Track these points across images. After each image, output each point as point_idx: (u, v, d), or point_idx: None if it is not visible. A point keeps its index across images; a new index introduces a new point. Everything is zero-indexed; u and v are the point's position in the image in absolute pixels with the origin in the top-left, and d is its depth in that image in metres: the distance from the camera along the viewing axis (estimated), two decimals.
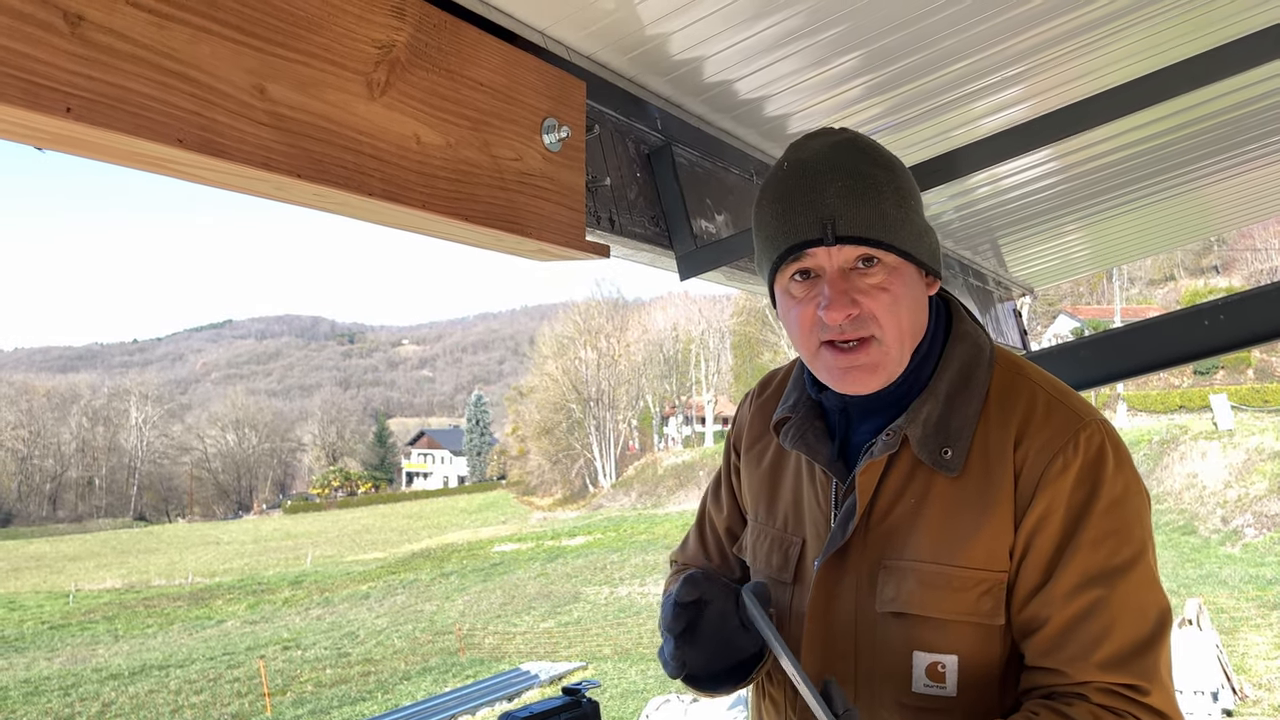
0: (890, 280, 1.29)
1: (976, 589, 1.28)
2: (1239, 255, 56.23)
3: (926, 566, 1.30)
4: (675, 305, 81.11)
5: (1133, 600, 1.23)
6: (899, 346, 1.31)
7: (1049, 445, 1.28)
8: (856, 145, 1.33)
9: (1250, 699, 13.20)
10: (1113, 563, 1.24)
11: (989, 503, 1.29)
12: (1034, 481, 1.27)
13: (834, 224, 1.26)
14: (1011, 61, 2.35)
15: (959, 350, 1.38)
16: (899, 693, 1.32)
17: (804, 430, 1.43)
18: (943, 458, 1.31)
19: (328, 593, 39.46)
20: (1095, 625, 1.22)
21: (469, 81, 1.48)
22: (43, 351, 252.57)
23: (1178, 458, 31.07)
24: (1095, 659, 1.22)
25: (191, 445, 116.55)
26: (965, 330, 1.41)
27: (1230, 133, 3.47)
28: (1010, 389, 1.36)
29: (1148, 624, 1.23)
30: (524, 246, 1.67)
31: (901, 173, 1.34)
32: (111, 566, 55.97)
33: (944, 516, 1.31)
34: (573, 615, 28.32)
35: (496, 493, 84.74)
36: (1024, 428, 1.31)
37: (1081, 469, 1.27)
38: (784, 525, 1.49)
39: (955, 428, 1.32)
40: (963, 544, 1.29)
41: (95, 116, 0.96)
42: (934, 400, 1.34)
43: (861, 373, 1.31)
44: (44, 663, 29.56)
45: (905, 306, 1.30)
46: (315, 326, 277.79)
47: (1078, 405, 1.34)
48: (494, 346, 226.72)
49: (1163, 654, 1.24)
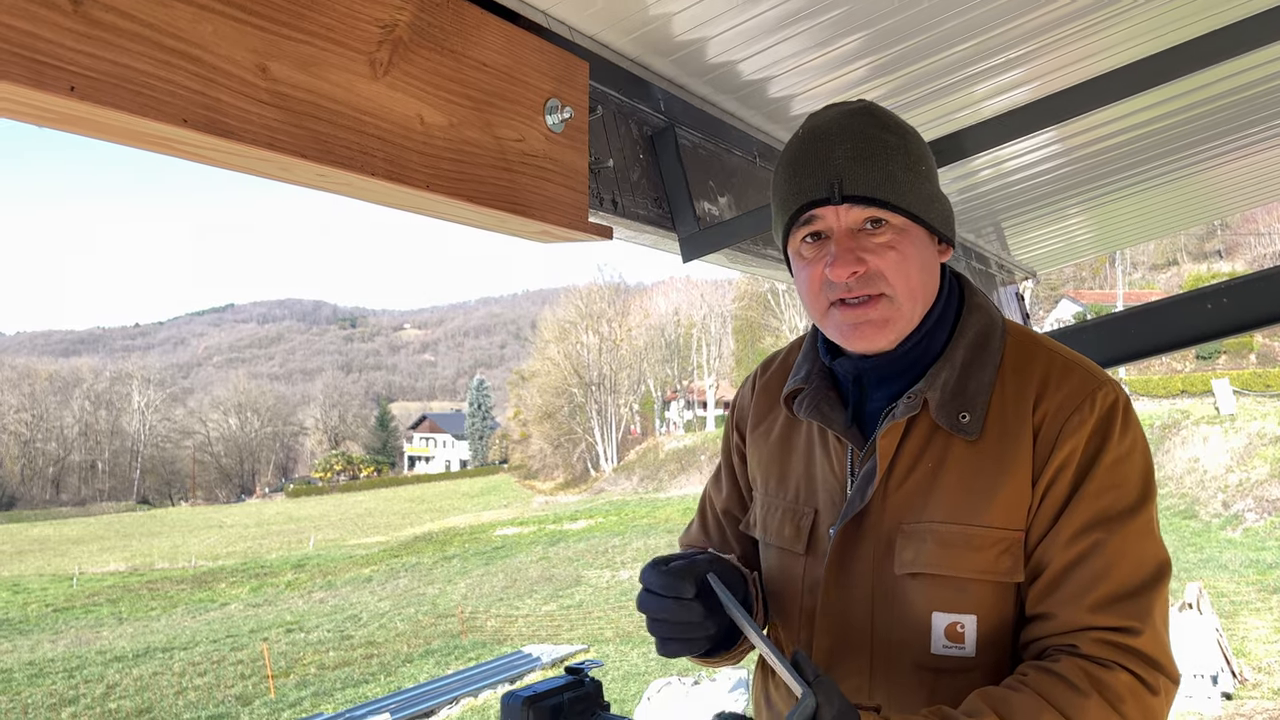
0: (898, 240, 1.31)
1: (995, 548, 1.30)
2: (1242, 240, 56.09)
3: (945, 527, 1.32)
4: (677, 290, 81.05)
5: (1130, 547, 1.26)
6: (910, 303, 1.33)
7: (1067, 403, 1.31)
8: (870, 112, 1.35)
9: (1250, 682, 13.25)
10: (1112, 511, 1.27)
11: (1007, 463, 1.31)
12: (1053, 437, 1.30)
13: (841, 184, 1.29)
14: (1014, 43, 2.34)
15: (974, 319, 1.41)
16: (918, 655, 1.34)
17: (818, 400, 1.45)
18: (960, 421, 1.33)
19: (330, 576, 39.59)
20: (1091, 569, 1.25)
21: (472, 62, 1.48)
22: (45, 335, 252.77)
23: (1179, 442, 31.07)
24: (1087, 601, 1.24)
25: (194, 429, 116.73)
26: (978, 302, 1.44)
27: (1234, 115, 3.46)
28: (1025, 355, 1.39)
29: (1144, 571, 1.26)
30: (527, 228, 1.66)
31: (914, 139, 1.36)
32: (115, 550, 56.16)
33: (962, 479, 1.33)
34: (574, 598, 28.42)
35: (498, 477, 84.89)
36: (1042, 389, 1.34)
37: (1096, 425, 1.30)
38: (796, 496, 1.50)
39: (972, 393, 1.34)
40: (981, 504, 1.31)
41: (99, 95, 0.96)
42: (951, 367, 1.36)
43: (870, 328, 1.33)
44: (48, 645, 29.71)
45: (914, 266, 1.32)
46: (317, 310, 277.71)
47: (1092, 367, 1.37)
48: (496, 331, 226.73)
49: (1157, 601, 1.26)
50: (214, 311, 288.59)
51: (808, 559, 1.46)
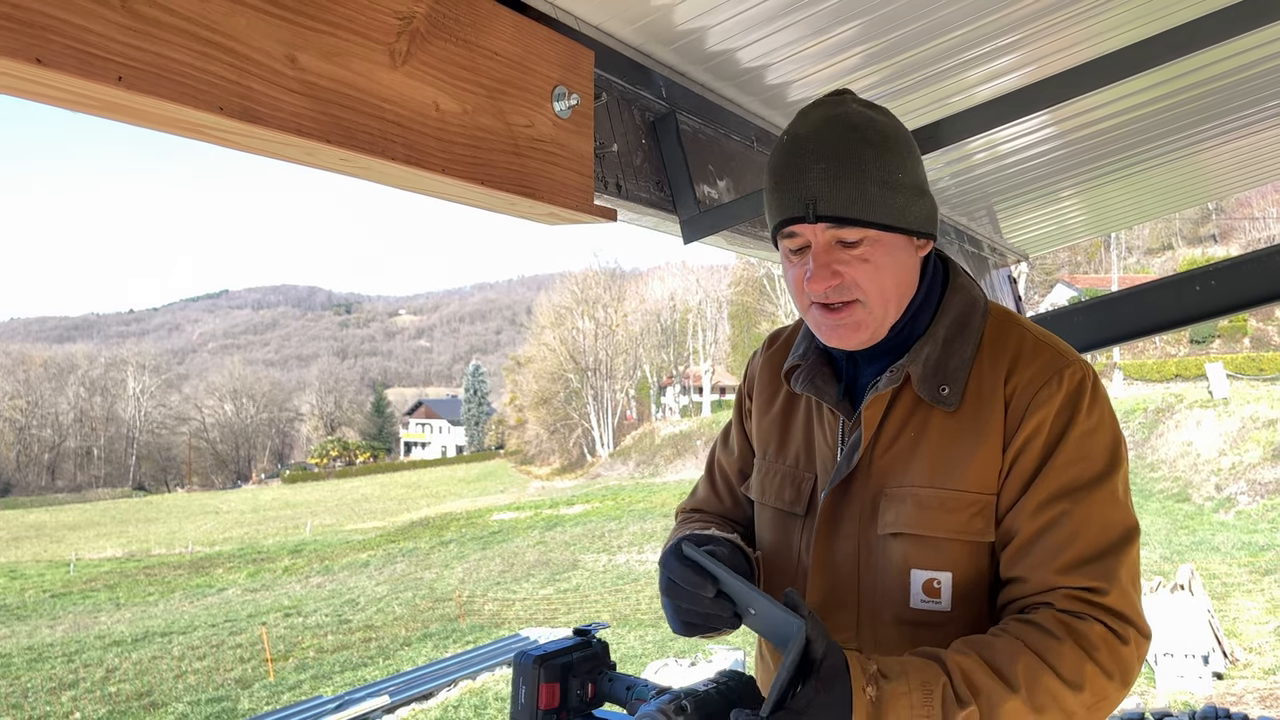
0: (871, 251, 1.39)
1: (969, 510, 1.40)
2: (1237, 224, 56.17)
3: (923, 491, 1.42)
4: (673, 275, 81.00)
5: (1096, 514, 1.35)
6: (883, 307, 1.43)
7: (1036, 378, 1.41)
8: (849, 121, 1.40)
9: (1241, 662, 13.39)
10: (1079, 481, 1.36)
11: (981, 432, 1.41)
12: (1022, 409, 1.40)
13: (815, 205, 1.37)
14: (1007, 29, 2.40)
15: (956, 300, 1.51)
16: (898, 609, 1.44)
17: (813, 375, 1.55)
18: (940, 394, 1.43)
19: (328, 561, 39.69)
20: (1059, 535, 1.35)
21: (484, 51, 1.54)
22: (39, 321, 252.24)
23: (1173, 426, 31.22)
24: (1056, 564, 1.34)
25: (189, 415, 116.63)
26: (961, 283, 1.54)
27: (1225, 98, 3.51)
28: (1001, 332, 1.48)
29: (1110, 535, 1.35)
30: (536, 210, 1.73)
31: (891, 143, 1.41)
32: (111, 536, 56.21)
33: (941, 447, 1.43)
34: (571, 582, 28.55)
35: (495, 462, 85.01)
36: (1014, 364, 1.44)
37: (1064, 399, 1.39)
38: (796, 462, 1.60)
39: (952, 368, 1.44)
40: (957, 470, 1.41)
41: (144, 85, 1.02)
42: (933, 343, 1.46)
43: (846, 330, 1.43)
44: (46, 630, 29.79)
45: (888, 273, 1.41)
46: (312, 297, 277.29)
47: (1062, 347, 1.47)
48: (491, 316, 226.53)
49: (1124, 563, 1.35)
50: (209, 298, 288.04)
51: (806, 520, 1.56)
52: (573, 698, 1.45)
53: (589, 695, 1.46)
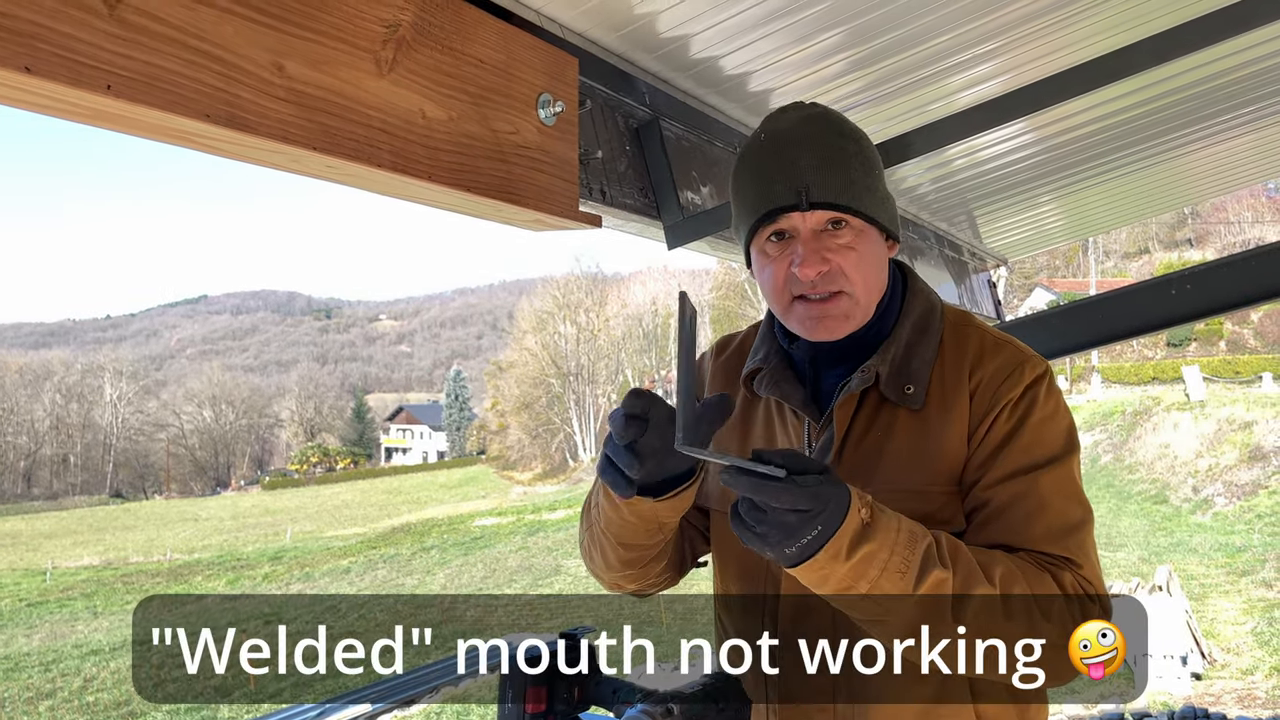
0: (856, 240, 1.44)
1: (938, 500, 1.44)
2: (1212, 228, 56.67)
3: (894, 490, 1.43)
4: (654, 279, 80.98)
5: (1060, 490, 1.40)
6: (866, 298, 1.47)
7: (1000, 371, 1.46)
8: (827, 119, 1.48)
9: (1219, 663, 13.51)
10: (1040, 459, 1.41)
11: (946, 426, 1.45)
12: (986, 400, 1.45)
13: (808, 191, 1.41)
14: (987, 37, 2.43)
15: (916, 304, 1.56)
16: None
17: (777, 378, 1.57)
18: (906, 393, 1.47)
19: (308, 568, 39.44)
20: (1028, 504, 1.39)
21: (470, 59, 1.55)
22: (14, 327, 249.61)
23: (1150, 428, 31.45)
24: (1031, 533, 1.38)
25: (168, 422, 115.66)
26: (919, 288, 1.59)
27: (1200, 105, 3.56)
28: (960, 334, 1.53)
29: (1074, 512, 1.40)
30: (521, 216, 1.74)
31: (866, 144, 1.49)
32: (88, 544, 55.65)
33: (908, 445, 1.46)
34: (554, 588, 28.50)
35: (476, 467, 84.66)
36: (977, 360, 1.48)
37: (1023, 391, 1.44)
38: None
39: (916, 368, 1.48)
40: (925, 466, 1.44)
41: (133, 93, 1.03)
42: (897, 345, 1.50)
43: (832, 321, 1.46)
44: (22, 639, 29.47)
45: (870, 264, 1.46)
46: (291, 302, 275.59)
47: (1019, 344, 1.53)
48: (472, 321, 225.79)
49: (1089, 540, 1.40)
50: (187, 303, 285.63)
51: None
52: (559, 701, 1.45)
53: (575, 699, 1.47)
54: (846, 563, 1.21)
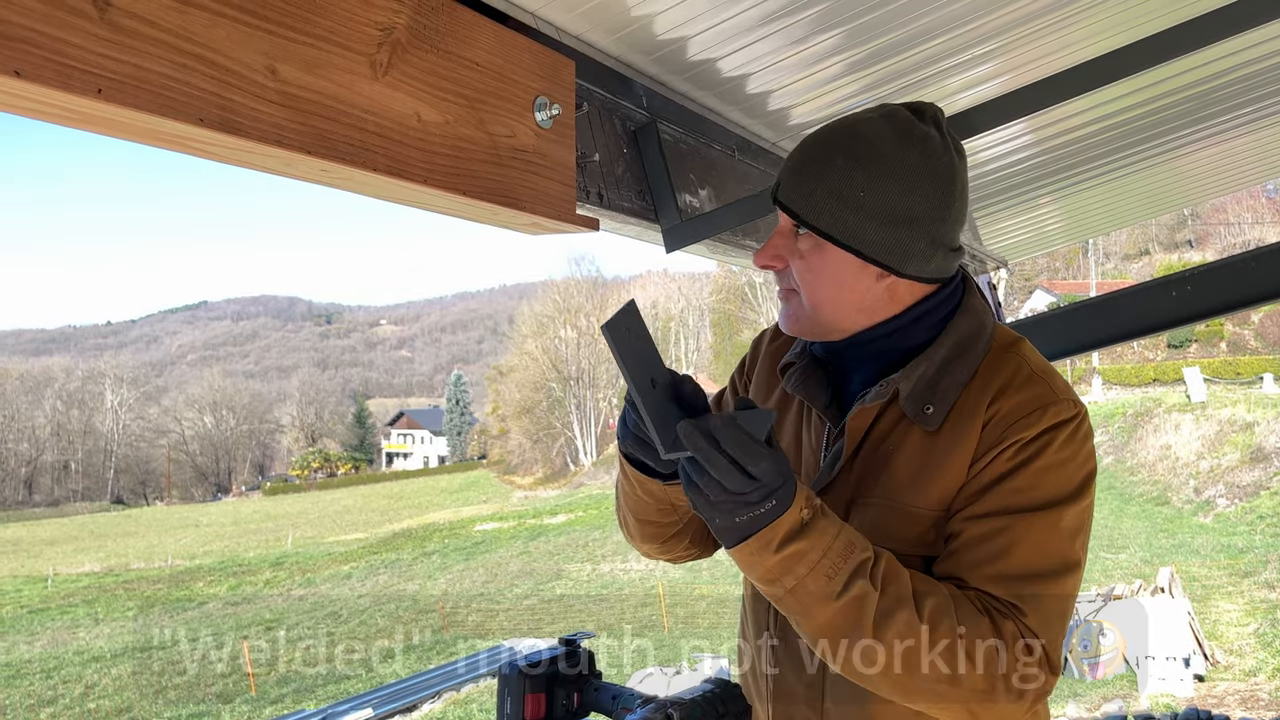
0: (811, 253, 1.43)
1: (927, 523, 1.40)
2: (1213, 230, 56.69)
3: (890, 504, 1.42)
4: (655, 283, 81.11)
5: (1037, 538, 1.32)
6: (814, 309, 1.45)
7: (1018, 409, 1.37)
8: (848, 127, 1.42)
9: (1221, 664, 13.48)
10: (1026, 504, 1.33)
11: (953, 451, 1.39)
12: (996, 433, 1.37)
13: (779, 188, 1.45)
14: (986, 37, 2.42)
15: (962, 323, 1.46)
16: None
17: (805, 377, 1.56)
18: (924, 413, 1.41)
19: (309, 573, 39.41)
20: (995, 545, 1.32)
21: (465, 62, 1.54)
22: (15, 334, 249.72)
23: (1151, 430, 31.44)
24: (986, 571, 1.32)
25: (168, 428, 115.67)
26: (972, 304, 1.49)
27: (1200, 105, 3.55)
28: (999, 361, 1.44)
29: (1045, 562, 1.32)
30: (518, 220, 1.73)
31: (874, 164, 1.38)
32: (89, 550, 55.62)
33: (915, 464, 1.42)
34: (555, 592, 28.47)
35: (477, 472, 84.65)
36: (1002, 390, 1.39)
37: (1038, 433, 1.35)
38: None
39: (943, 389, 1.41)
40: (924, 488, 1.40)
41: (123, 97, 1.02)
42: (929, 363, 1.43)
43: (785, 318, 1.51)
44: (24, 646, 29.44)
45: (824, 281, 1.43)
46: (292, 307, 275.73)
47: (1057, 384, 1.41)
48: (473, 326, 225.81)
49: (1051, 592, 1.32)
50: (187, 309, 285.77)
51: None
52: (558, 708, 1.44)
53: (575, 705, 1.46)
54: (775, 555, 1.22)
